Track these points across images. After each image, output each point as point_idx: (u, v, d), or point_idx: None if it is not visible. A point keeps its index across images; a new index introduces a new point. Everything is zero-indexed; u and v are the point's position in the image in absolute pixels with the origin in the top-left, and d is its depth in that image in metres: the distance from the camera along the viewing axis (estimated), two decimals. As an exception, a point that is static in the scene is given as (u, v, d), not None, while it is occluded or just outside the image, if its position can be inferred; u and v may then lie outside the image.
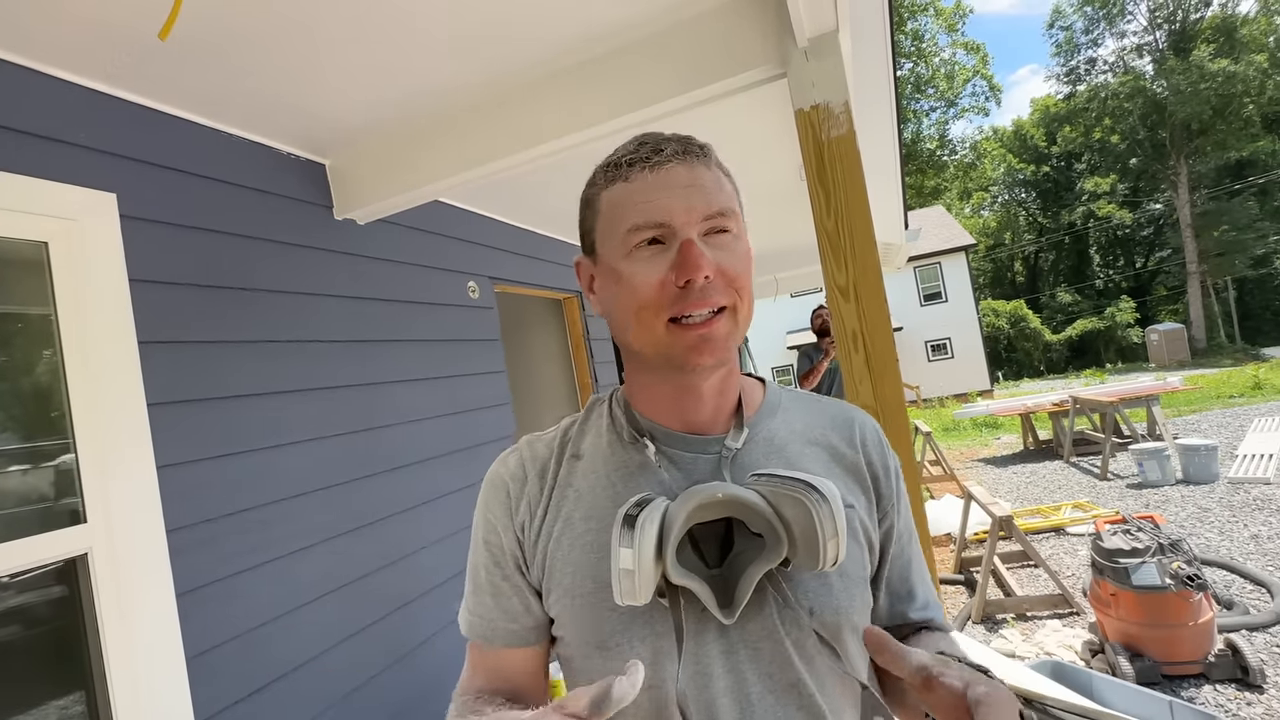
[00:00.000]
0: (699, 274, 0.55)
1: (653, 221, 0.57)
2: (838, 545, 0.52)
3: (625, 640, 0.57)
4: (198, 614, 1.52)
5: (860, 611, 0.62)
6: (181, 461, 1.55)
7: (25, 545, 1.27)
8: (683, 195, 0.57)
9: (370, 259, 2.28)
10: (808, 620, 0.58)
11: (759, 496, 0.55)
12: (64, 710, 1.32)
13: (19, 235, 1.34)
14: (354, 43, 1.54)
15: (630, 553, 0.51)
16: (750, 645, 0.58)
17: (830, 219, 1.45)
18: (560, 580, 0.61)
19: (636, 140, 0.61)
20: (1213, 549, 4.15)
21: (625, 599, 0.51)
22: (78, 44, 1.37)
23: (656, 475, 0.62)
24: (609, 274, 0.60)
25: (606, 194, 0.61)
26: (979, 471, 7.76)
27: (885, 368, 1.42)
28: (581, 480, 0.64)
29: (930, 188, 32.80)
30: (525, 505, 0.65)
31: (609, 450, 0.66)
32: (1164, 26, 28.10)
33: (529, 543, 0.64)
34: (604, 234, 0.61)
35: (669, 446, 0.64)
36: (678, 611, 0.56)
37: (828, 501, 0.52)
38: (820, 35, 1.46)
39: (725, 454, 0.62)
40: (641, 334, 0.59)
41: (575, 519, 0.62)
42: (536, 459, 0.67)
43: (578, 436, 0.68)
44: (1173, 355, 20.57)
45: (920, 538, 1.38)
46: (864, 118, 2.61)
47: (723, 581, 0.57)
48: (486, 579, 0.65)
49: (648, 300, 0.57)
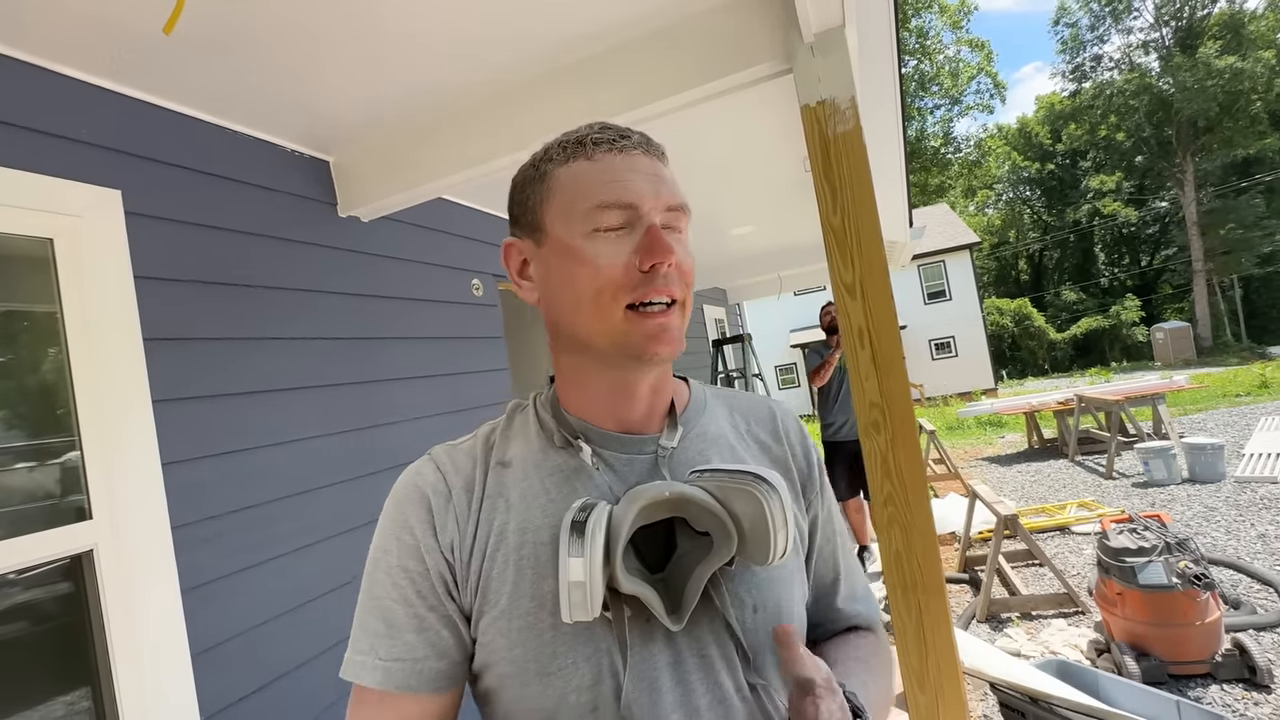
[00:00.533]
0: (668, 257, 0.54)
1: (622, 201, 0.55)
2: (787, 536, 0.52)
3: (570, 662, 0.52)
4: (202, 611, 1.52)
5: (799, 603, 0.62)
6: (186, 458, 1.55)
7: (31, 542, 1.27)
8: (650, 181, 0.56)
9: (374, 256, 2.28)
10: (752, 617, 0.57)
11: (706, 493, 0.53)
12: (70, 706, 1.33)
13: (24, 232, 1.34)
14: (357, 40, 1.53)
15: (581, 562, 0.47)
16: (698, 652, 0.55)
17: (836, 215, 1.44)
18: (495, 602, 0.54)
19: (595, 125, 0.59)
20: (1219, 548, 4.12)
21: (575, 615, 0.48)
22: (82, 40, 1.37)
23: (594, 479, 0.58)
24: (563, 253, 0.56)
25: (565, 170, 0.57)
26: (983, 470, 7.74)
27: (892, 365, 1.41)
28: (512, 490, 0.58)
29: (934, 185, 32.69)
30: (453, 521, 0.57)
31: (540, 455, 0.60)
32: (1170, 23, 27.92)
33: (460, 564, 0.56)
34: (560, 211, 0.57)
35: (603, 448, 0.60)
36: (621, 624, 0.52)
37: (777, 492, 0.52)
38: (826, 30, 1.45)
39: (662, 453, 0.60)
40: (597, 319, 0.55)
41: (508, 532, 0.56)
42: (459, 470, 0.60)
43: (502, 443, 0.62)
44: (1178, 354, 20.48)
45: (926, 536, 1.38)
46: (869, 115, 2.60)
47: (666, 586, 0.54)
48: (406, 614, 0.55)
49: (609, 281, 0.54)
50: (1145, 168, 29.49)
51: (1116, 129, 29.35)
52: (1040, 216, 34.96)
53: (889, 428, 1.41)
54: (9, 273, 1.36)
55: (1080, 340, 27.13)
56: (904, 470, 1.41)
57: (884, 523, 1.42)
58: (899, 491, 1.40)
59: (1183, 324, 21.95)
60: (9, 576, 1.27)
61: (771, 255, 5.87)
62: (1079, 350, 27.14)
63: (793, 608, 0.61)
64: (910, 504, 1.40)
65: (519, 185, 0.62)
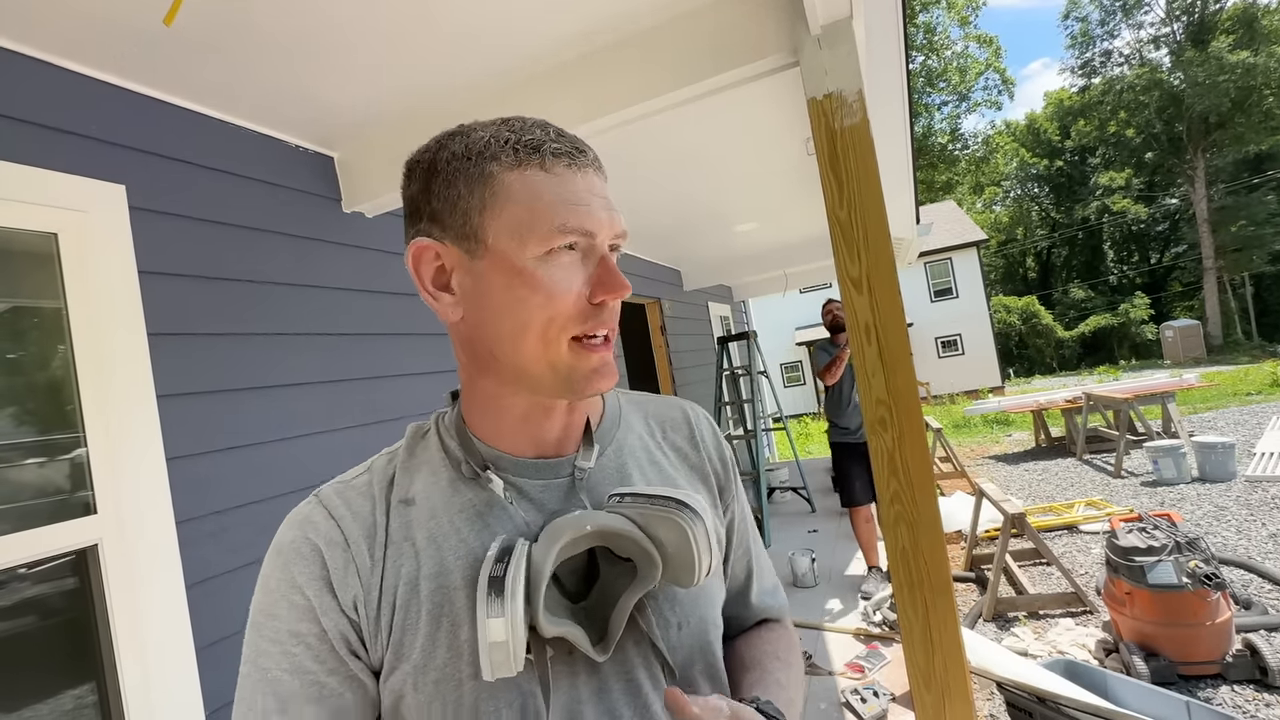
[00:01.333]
0: (623, 293, 0.52)
1: (583, 228, 0.50)
2: (711, 558, 0.51)
3: (491, 709, 0.49)
4: (207, 605, 1.52)
5: (719, 610, 0.63)
6: (191, 454, 1.55)
7: (36, 536, 1.27)
8: (605, 207, 0.52)
9: (379, 252, 2.28)
10: (677, 635, 0.56)
11: (628, 521, 0.51)
12: (76, 700, 1.33)
13: (29, 227, 1.35)
14: (361, 35, 1.53)
15: (501, 623, 0.44)
16: (624, 677, 0.54)
17: (843, 209, 1.43)
18: (408, 655, 0.50)
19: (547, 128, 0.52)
20: (1230, 548, 4.08)
21: (498, 673, 0.45)
22: (86, 35, 1.37)
23: (507, 513, 0.54)
24: (509, 274, 0.50)
25: (517, 177, 0.50)
26: (990, 469, 7.69)
27: (898, 360, 1.40)
28: (419, 531, 0.53)
29: (942, 182, 32.50)
30: (353, 576, 0.51)
31: (449, 490, 0.55)
32: (1182, 18, 27.63)
33: (367, 619, 0.51)
34: (510, 224, 0.50)
35: (517, 476, 0.56)
36: (544, 668, 0.50)
37: (701, 518, 0.51)
38: (833, 22, 1.43)
39: (579, 475, 0.57)
40: (541, 350, 0.51)
41: (419, 579, 0.51)
42: (356, 514, 0.53)
43: (403, 476, 0.56)
44: (1188, 352, 20.30)
45: (933, 534, 1.37)
46: (876, 110, 2.58)
47: (588, 615, 0.52)
48: (303, 684, 0.50)
49: (561, 311, 0.50)
50: (1155, 164, 29.22)
51: (1126, 125, 29.07)
52: (1048, 213, 34.70)
53: (896, 424, 1.40)
54: (14, 268, 1.37)
55: (1088, 338, 26.93)
56: (911, 467, 1.39)
57: (890, 520, 1.41)
58: (905, 489, 1.39)
59: (1193, 322, 21.75)
60: (17, 571, 1.28)
61: (777, 252, 5.85)
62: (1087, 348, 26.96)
63: (715, 618, 0.61)
64: (917, 501, 1.39)
65: (439, 175, 0.52)
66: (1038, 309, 25.57)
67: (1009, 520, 3.69)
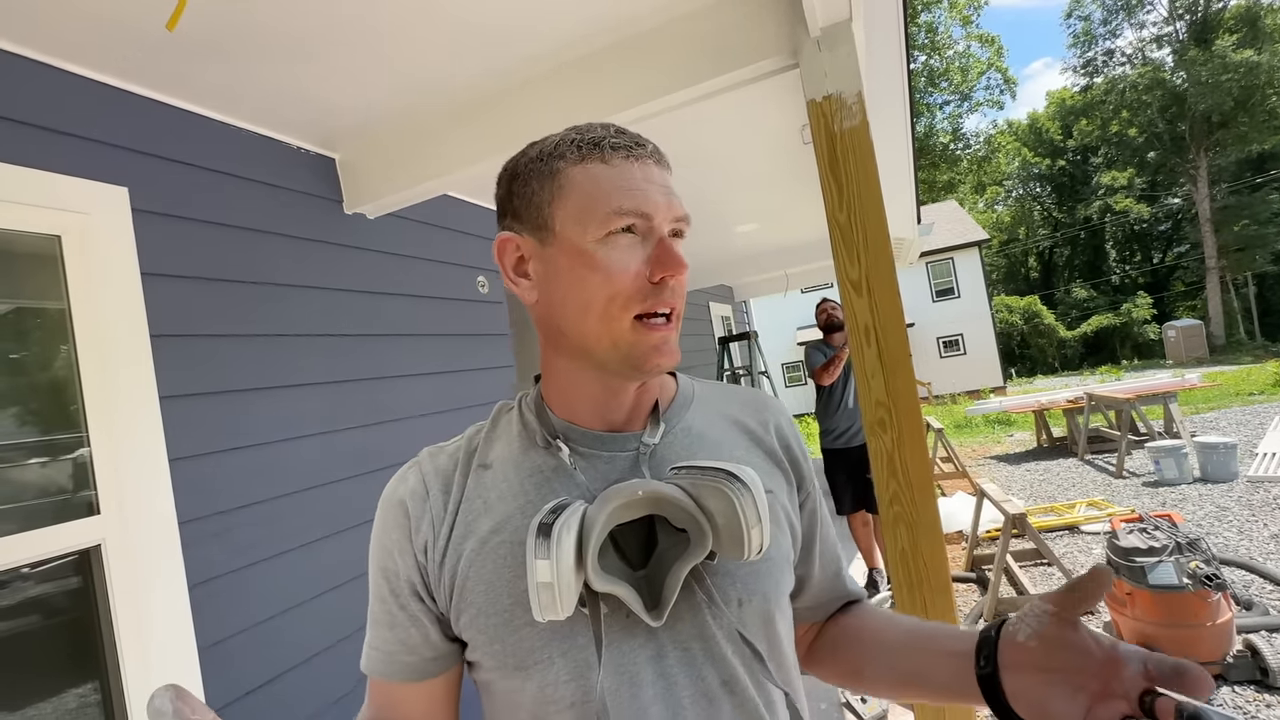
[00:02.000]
0: (681, 271, 0.55)
1: (639, 210, 0.55)
2: (761, 533, 0.51)
3: (546, 657, 0.54)
4: (210, 605, 1.53)
5: (786, 595, 0.63)
6: (193, 454, 1.56)
7: (40, 536, 1.28)
8: (663, 193, 0.57)
9: (380, 253, 2.29)
10: (737, 612, 0.57)
11: (680, 490, 0.53)
12: (79, 699, 1.34)
13: (32, 229, 1.36)
14: (362, 37, 1.53)
15: (547, 564, 0.47)
16: (680, 646, 0.55)
17: (843, 211, 1.43)
18: (473, 600, 0.56)
19: (609, 127, 0.58)
20: (1231, 548, 4.08)
21: (545, 614, 0.48)
22: (89, 38, 1.37)
23: (572, 478, 0.59)
24: (574, 255, 0.55)
25: (580, 170, 0.56)
26: (991, 469, 7.69)
27: (898, 362, 1.40)
28: (491, 491, 0.60)
29: (943, 182, 32.46)
30: (428, 524, 0.59)
31: (520, 456, 0.61)
32: (1185, 16, 27.54)
33: (433, 565, 0.58)
34: (573, 212, 0.56)
35: (585, 447, 0.61)
36: (598, 621, 0.53)
37: (749, 490, 0.51)
38: (833, 24, 1.43)
39: (643, 450, 0.60)
40: (604, 328, 0.55)
41: (485, 533, 0.57)
42: (439, 472, 0.62)
43: (485, 445, 0.63)
44: (1191, 352, 20.25)
45: (932, 535, 1.37)
46: (877, 110, 2.58)
47: (648, 582, 0.55)
48: (381, 610, 0.60)
49: (621, 290, 0.54)
50: (1158, 164, 29.14)
51: (1129, 124, 29.00)
52: (1050, 213, 34.63)
53: (895, 426, 1.40)
54: (18, 270, 1.37)
55: (1091, 338, 26.88)
56: (910, 469, 1.40)
57: (890, 521, 1.41)
58: (905, 490, 1.39)
59: (1195, 322, 21.69)
60: (21, 571, 1.29)
61: (777, 252, 5.85)
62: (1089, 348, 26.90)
63: (779, 600, 0.61)
64: (916, 502, 1.39)
65: (519, 177, 0.60)
66: (1040, 309, 25.52)
67: (1010, 520, 3.69)
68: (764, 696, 0.57)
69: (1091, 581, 0.47)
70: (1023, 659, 0.49)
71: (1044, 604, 0.49)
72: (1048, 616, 0.48)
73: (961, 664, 0.54)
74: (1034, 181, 34.91)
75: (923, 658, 0.60)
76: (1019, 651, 0.49)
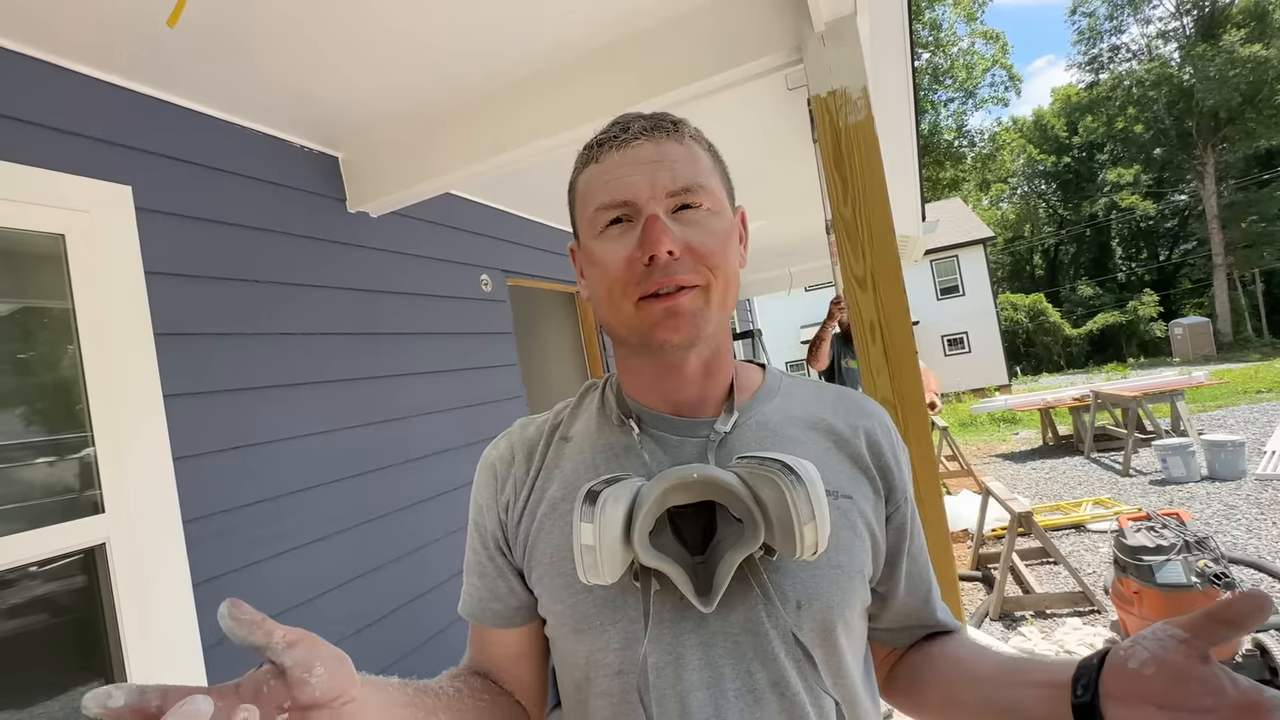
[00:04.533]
0: (659, 248, 0.54)
1: (616, 200, 0.57)
2: (816, 531, 0.49)
3: (598, 624, 0.57)
4: (214, 604, 1.53)
5: (855, 608, 0.58)
6: (197, 453, 1.56)
7: (45, 535, 1.29)
8: (648, 171, 0.56)
9: (383, 252, 2.28)
10: (795, 614, 0.55)
11: (736, 479, 0.53)
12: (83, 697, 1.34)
13: (36, 228, 1.36)
14: (365, 35, 1.53)
15: (591, 528, 0.49)
16: (731, 638, 0.55)
17: (848, 207, 1.42)
18: (540, 560, 0.61)
19: (618, 121, 0.61)
20: (1240, 547, 4.05)
21: (589, 576, 0.50)
22: (92, 37, 1.37)
23: (641, 458, 0.61)
24: (586, 255, 0.61)
25: (581, 177, 0.61)
26: (997, 467, 7.65)
27: (904, 359, 1.39)
28: (568, 462, 0.64)
29: (948, 179, 32.31)
30: (511, 486, 0.65)
31: (597, 432, 0.65)
32: (1192, 11, 27.31)
33: (512, 524, 0.64)
34: (579, 217, 0.62)
35: (656, 429, 0.63)
36: (646, 595, 0.55)
37: (803, 484, 0.49)
38: (838, 19, 1.42)
39: (713, 437, 0.61)
40: (615, 313, 0.59)
41: (556, 499, 0.62)
42: (526, 441, 0.68)
43: (569, 420, 0.68)
44: (1198, 350, 20.12)
45: (938, 534, 1.36)
46: (881, 106, 2.56)
47: (705, 569, 0.55)
48: (474, 559, 0.67)
49: (616, 278, 0.57)
50: (1164, 160, 28.94)
51: (1135, 121, 28.79)
52: (1056, 210, 34.44)
53: (901, 424, 1.39)
54: (22, 269, 1.38)
55: (1096, 336, 26.72)
56: (916, 467, 1.38)
57: (895, 519, 1.40)
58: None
59: (1202, 319, 21.54)
60: (27, 569, 1.29)
61: (782, 250, 5.83)
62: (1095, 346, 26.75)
63: (844, 611, 0.57)
64: (922, 501, 1.38)
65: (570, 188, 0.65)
66: (1045, 306, 25.38)
67: (1016, 519, 3.67)
68: (815, 703, 0.55)
69: (1243, 606, 0.39)
70: (1133, 690, 0.42)
71: (1171, 628, 0.42)
72: (1174, 643, 0.41)
73: (1057, 694, 0.48)
74: (1039, 179, 34.72)
75: (1015, 690, 0.54)
76: (1130, 680, 0.42)
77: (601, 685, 0.57)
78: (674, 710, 0.54)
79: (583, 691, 0.59)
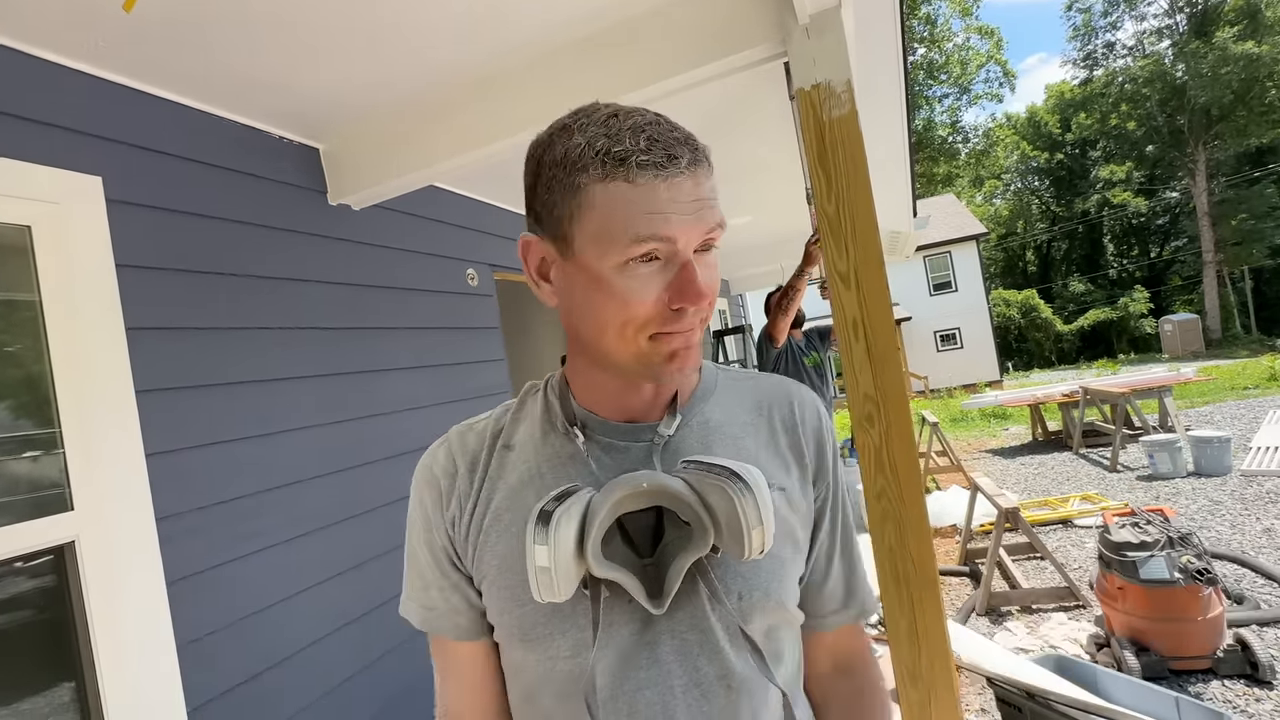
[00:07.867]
0: (701, 302, 0.53)
1: (660, 236, 0.51)
2: (763, 534, 0.52)
3: (547, 633, 0.57)
4: (189, 602, 1.51)
5: (791, 590, 0.62)
6: (171, 449, 1.54)
7: (11, 533, 1.26)
8: (692, 210, 0.52)
9: (366, 245, 2.25)
10: (738, 605, 0.57)
11: (685, 485, 0.54)
12: (54, 700, 1.32)
13: (1, 219, 1.32)
14: (346, 23, 1.50)
15: (545, 549, 0.50)
16: (677, 636, 0.57)
17: (831, 203, 1.40)
18: (487, 573, 0.60)
19: (643, 135, 0.52)
20: (1224, 543, 4.09)
21: (544, 595, 0.51)
22: (59, 23, 1.34)
23: (587, 466, 0.61)
24: (590, 278, 0.54)
25: (602, 188, 0.52)
26: (986, 463, 7.70)
27: (886, 357, 1.38)
28: (511, 472, 0.63)
29: (941, 175, 32.35)
30: (455, 500, 0.63)
31: (541, 440, 0.64)
32: (1186, 8, 27.40)
33: (460, 538, 0.63)
34: (593, 234, 0.53)
35: (602, 435, 0.62)
36: (596, 605, 0.55)
37: (751, 491, 0.51)
38: (821, 11, 1.40)
39: (658, 441, 0.61)
40: (621, 346, 0.55)
41: (502, 511, 0.61)
42: (467, 451, 0.65)
43: (510, 426, 0.66)
44: (1187, 346, 20.29)
45: (920, 531, 1.35)
46: (871, 101, 2.55)
47: (655, 571, 0.56)
48: (433, 574, 0.65)
49: (637, 316, 0.53)
50: (1156, 157, 29.07)
51: (1128, 118, 28.90)
52: (1048, 207, 34.57)
53: (883, 421, 1.38)
54: (-13, 261, 1.34)
55: (1088, 332, 26.91)
56: (898, 464, 1.38)
57: (877, 518, 1.39)
58: (892, 486, 1.38)
59: (1191, 316, 21.71)
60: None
61: (772, 245, 5.82)
62: (1086, 342, 26.94)
63: (783, 596, 0.61)
64: (904, 499, 1.37)
65: (544, 185, 0.55)
66: (1037, 303, 25.52)
67: (1003, 514, 3.69)
68: (762, 695, 0.58)
69: None
70: None
71: None
72: None
73: None
74: (1032, 175, 34.83)
75: None
76: None
77: (550, 691, 0.58)
78: (623, 710, 0.56)
79: (532, 699, 0.60)
